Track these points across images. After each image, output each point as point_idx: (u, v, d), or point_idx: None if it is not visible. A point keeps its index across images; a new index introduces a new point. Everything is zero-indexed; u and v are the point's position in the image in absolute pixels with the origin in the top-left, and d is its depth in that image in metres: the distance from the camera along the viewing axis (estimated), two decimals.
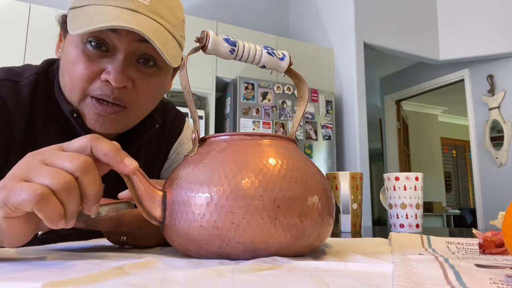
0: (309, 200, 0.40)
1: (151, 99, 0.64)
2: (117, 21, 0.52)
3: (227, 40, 0.46)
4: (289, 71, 0.51)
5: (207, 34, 0.45)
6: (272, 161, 0.40)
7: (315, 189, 0.41)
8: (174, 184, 0.41)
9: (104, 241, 0.61)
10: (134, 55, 0.58)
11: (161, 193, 0.41)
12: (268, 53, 0.48)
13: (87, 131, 0.62)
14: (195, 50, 0.45)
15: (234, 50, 0.46)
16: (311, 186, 0.41)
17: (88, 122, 0.60)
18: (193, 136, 0.44)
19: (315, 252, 0.46)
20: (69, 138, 0.63)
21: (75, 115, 0.60)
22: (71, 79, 0.58)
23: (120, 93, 0.58)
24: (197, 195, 0.38)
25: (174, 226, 0.40)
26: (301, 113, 0.51)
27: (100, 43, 0.57)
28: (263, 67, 0.49)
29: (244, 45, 0.47)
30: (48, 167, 0.33)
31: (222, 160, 0.40)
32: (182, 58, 0.70)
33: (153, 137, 0.77)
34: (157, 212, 0.40)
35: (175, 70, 0.70)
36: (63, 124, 0.63)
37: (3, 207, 0.33)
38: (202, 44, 0.45)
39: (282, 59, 0.49)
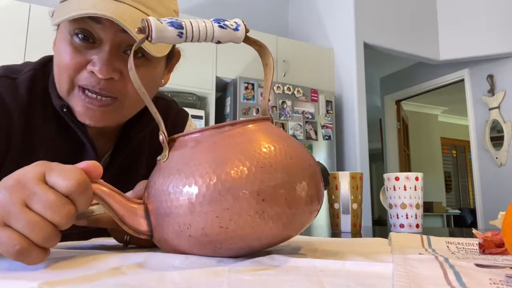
0: (294, 184, 0.38)
1: None
2: (92, 9, 0.52)
3: (171, 24, 0.42)
4: (247, 40, 0.47)
5: (147, 23, 0.41)
6: (247, 153, 0.37)
7: (299, 169, 0.39)
8: (151, 195, 0.39)
9: (104, 241, 0.61)
10: (121, 46, 0.58)
11: (141, 207, 0.39)
12: (220, 26, 0.44)
13: (79, 126, 0.62)
14: (140, 42, 0.42)
15: (182, 33, 0.42)
16: (293, 168, 0.38)
17: (77, 114, 0.59)
18: (161, 138, 0.41)
19: (315, 252, 0.46)
20: (66, 133, 0.64)
21: (64, 109, 0.60)
22: (59, 70, 0.59)
23: (106, 84, 0.57)
24: (178, 204, 0.36)
25: (163, 238, 0.38)
26: (269, 83, 0.47)
27: (87, 35, 0.57)
28: (219, 42, 0.45)
29: (192, 25, 0.43)
30: (27, 215, 0.32)
31: (195, 163, 0.37)
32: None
33: (154, 136, 0.76)
34: (143, 227, 0.39)
35: (172, 63, 0.70)
36: (61, 120, 0.63)
37: None
38: (146, 35, 0.41)
39: (236, 29, 0.45)
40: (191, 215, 0.36)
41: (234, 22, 0.45)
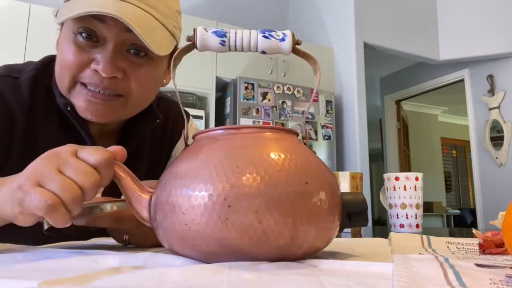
0: (270, 197, 0.35)
1: (145, 89, 0.63)
2: (97, 7, 0.53)
3: (215, 33, 0.43)
4: (297, 52, 0.45)
5: (194, 31, 0.43)
6: (237, 157, 0.37)
7: (284, 184, 0.35)
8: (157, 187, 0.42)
9: (104, 241, 0.61)
10: (124, 45, 0.58)
11: (147, 196, 0.41)
12: (265, 36, 0.43)
13: (82, 124, 0.62)
14: (187, 49, 0.44)
15: (224, 41, 0.43)
16: (277, 181, 0.35)
17: (79, 110, 0.60)
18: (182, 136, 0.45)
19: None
20: (68, 133, 0.64)
21: (68, 108, 0.61)
22: (61, 68, 0.59)
23: (110, 83, 0.58)
24: (160, 196, 0.39)
25: (155, 228, 0.40)
26: (313, 95, 0.49)
27: (91, 34, 0.57)
28: (264, 52, 0.44)
29: (236, 35, 0.43)
30: (61, 178, 0.36)
31: (184, 160, 0.40)
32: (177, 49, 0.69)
33: (155, 135, 0.77)
34: (145, 213, 0.40)
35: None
36: (63, 118, 0.63)
37: (19, 206, 0.37)
38: (191, 42, 0.44)
39: (282, 40, 0.44)
40: (166, 208, 0.37)
41: (282, 33, 0.45)
